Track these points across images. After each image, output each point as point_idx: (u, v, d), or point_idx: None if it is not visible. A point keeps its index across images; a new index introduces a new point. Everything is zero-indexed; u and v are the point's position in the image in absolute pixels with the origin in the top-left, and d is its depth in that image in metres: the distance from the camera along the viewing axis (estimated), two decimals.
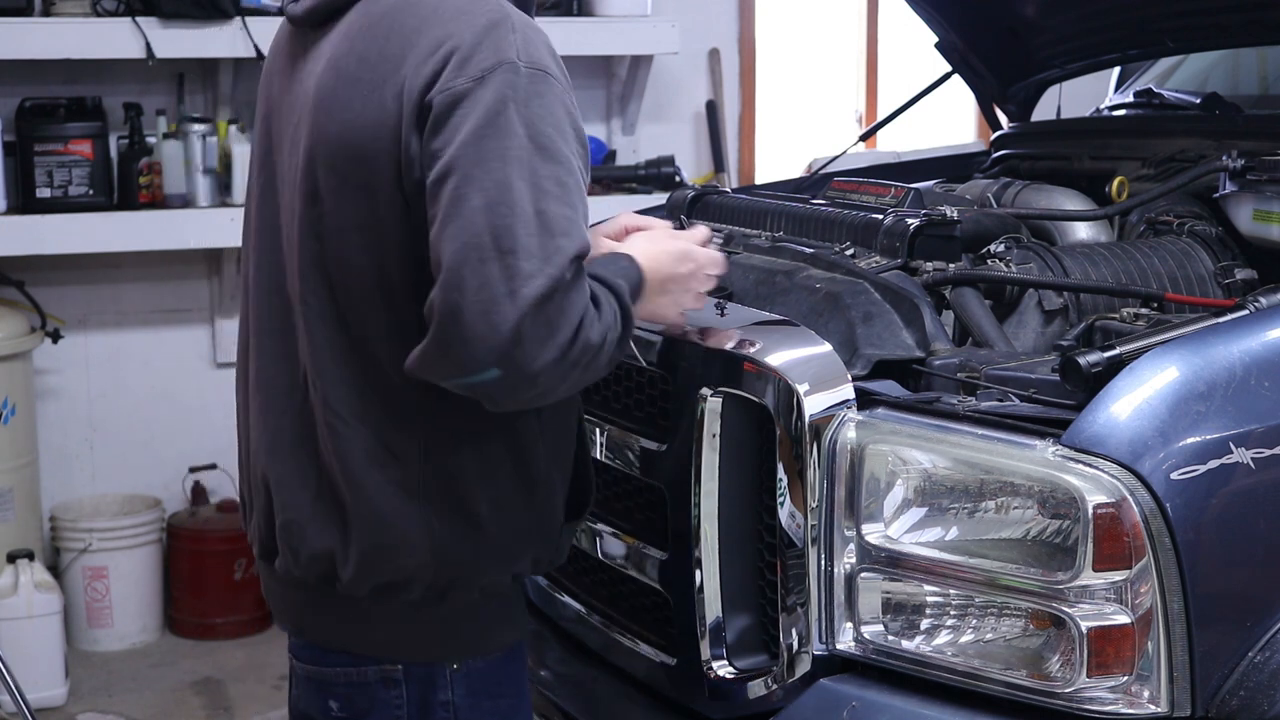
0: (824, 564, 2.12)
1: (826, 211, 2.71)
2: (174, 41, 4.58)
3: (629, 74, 5.48)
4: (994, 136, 3.66)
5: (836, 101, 6.27)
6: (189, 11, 4.55)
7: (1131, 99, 3.62)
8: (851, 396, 2.14)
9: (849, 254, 2.52)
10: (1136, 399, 1.94)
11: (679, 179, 5.31)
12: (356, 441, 1.92)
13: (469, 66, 1.82)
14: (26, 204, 4.60)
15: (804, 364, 2.17)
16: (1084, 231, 2.89)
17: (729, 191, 3.10)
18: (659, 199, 4.32)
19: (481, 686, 2.02)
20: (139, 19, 4.54)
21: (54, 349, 4.83)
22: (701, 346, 2.29)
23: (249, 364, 2.10)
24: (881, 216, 2.56)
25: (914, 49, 5.40)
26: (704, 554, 2.27)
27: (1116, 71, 3.89)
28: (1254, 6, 3.12)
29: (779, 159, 6.04)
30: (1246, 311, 2.14)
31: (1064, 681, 1.96)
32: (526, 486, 1.97)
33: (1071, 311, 2.58)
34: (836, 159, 3.77)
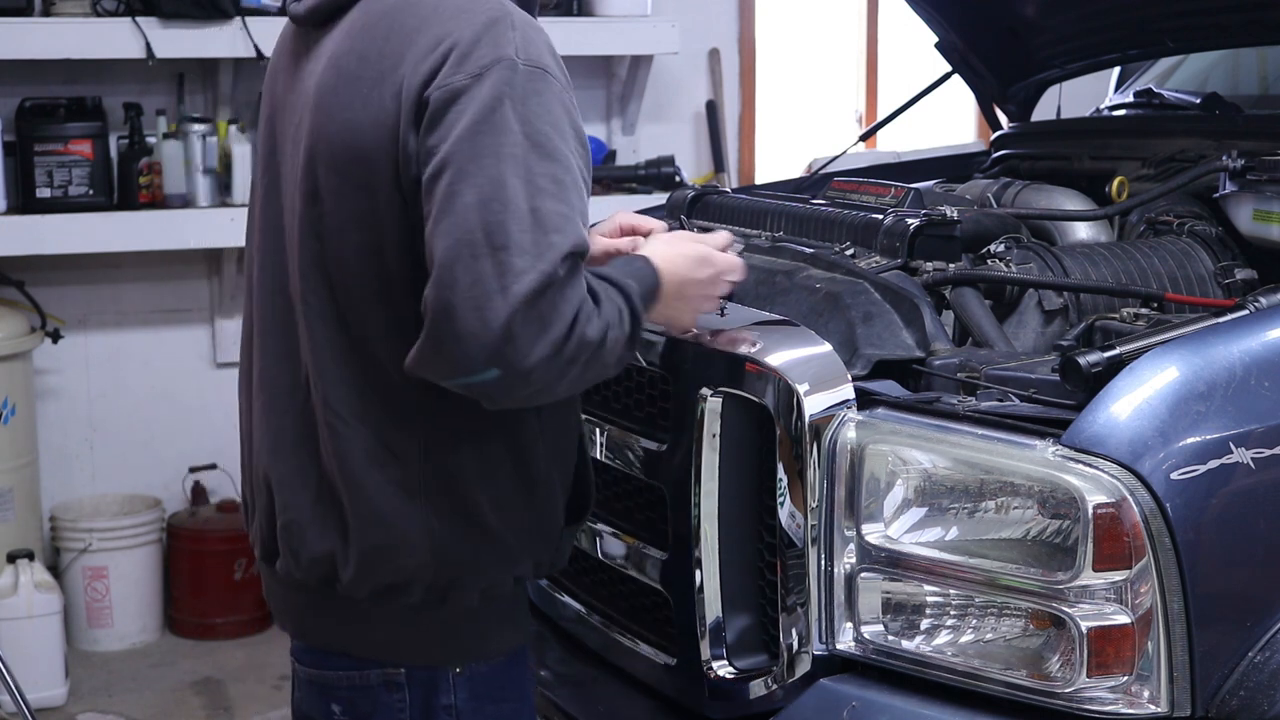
0: (824, 564, 2.12)
1: (826, 211, 2.71)
2: (174, 41, 4.58)
3: (629, 74, 5.47)
4: (994, 136, 3.66)
5: (836, 101, 6.27)
6: (189, 11, 4.55)
7: (1131, 99, 3.62)
8: (851, 396, 2.14)
9: (849, 254, 2.52)
10: (1136, 399, 1.94)
11: (679, 179, 5.31)
12: (356, 441, 1.92)
13: (467, 63, 1.81)
14: (26, 204, 4.60)
15: (804, 364, 2.17)
16: (1084, 231, 2.89)
17: (729, 191, 3.10)
18: (659, 199, 4.32)
19: (484, 690, 2.01)
20: (139, 19, 4.53)
21: (54, 349, 4.82)
22: (702, 346, 2.29)
23: (252, 365, 2.09)
24: (881, 216, 2.56)
25: (914, 49, 5.40)
26: (704, 554, 2.27)
27: (1116, 71, 3.88)
28: (1254, 6, 3.12)
29: (779, 159, 6.04)
30: (1246, 311, 2.14)
31: (1064, 681, 1.95)
32: (527, 486, 1.96)
33: (1071, 311, 2.58)
34: (836, 159, 3.77)
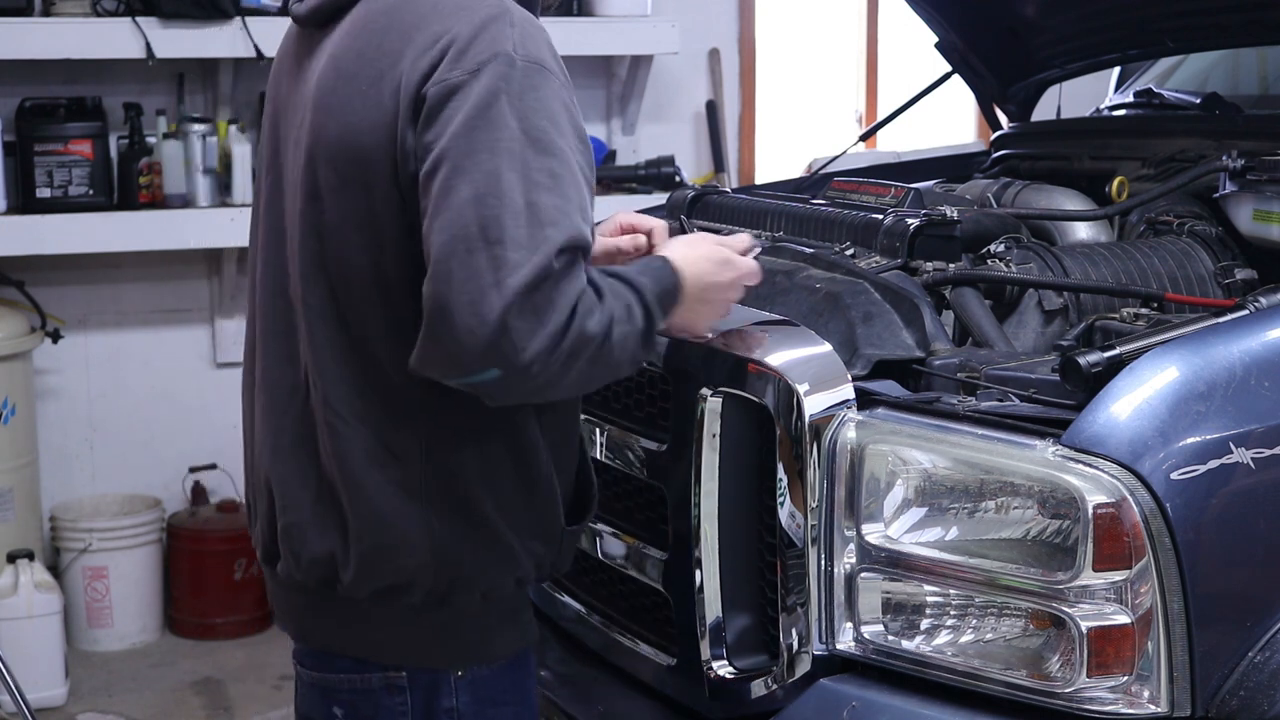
0: (824, 564, 2.12)
1: (826, 211, 2.71)
2: (174, 41, 4.58)
3: (629, 74, 5.47)
4: (994, 136, 3.66)
5: (836, 101, 6.27)
6: (189, 11, 4.55)
7: (1131, 99, 3.62)
8: (851, 396, 2.14)
9: (849, 254, 2.52)
10: (1136, 399, 1.94)
11: (679, 179, 5.31)
12: (357, 441, 1.91)
13: (465, 59, 1.80)
14: (26, 204, 4.60)
15: (804, 364, 2.17)
16: (1084, 231, 2.89)
17: (729, 191, 3.10)
18: (659, 199, 4.32)
19: (486, 694, 2.00)
20: (139, 19, 4.53)
21: (54, 349, 4.82)
22: (702, 346, 2.28)
23: (255, 366, 2.09)
24: (881, 216, 2.56)
25: (914, 49, 5.40)
26: (704, 554, 2.27)
27: (1116, 71, 3.89)
28: (1254, 6, 3.12)
29: (779, 159, 6.03)
30: (1246, 311, 2.14)
31: (1064, 681, 1.95)
32: (527, 486, 1.96)
33: (1071, 311, 2.58)
34: (836, 159, 3.77)
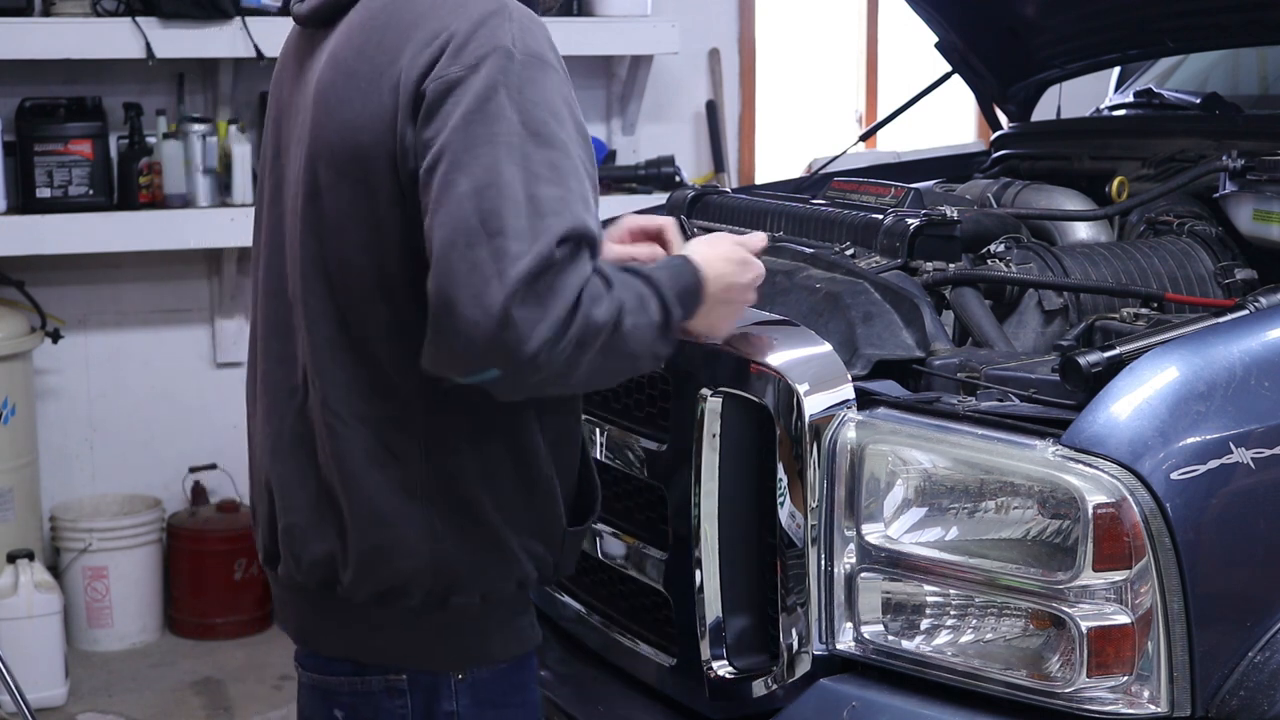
0: (824, 564, 2.12)
1: (826, 211, 2.71)
2: (174, 41, 4.58)
3: (629, 74, 5.47)
4: (994, 136, 3.66)
5: (836, 101, 6.27)
6: (189, 11, 4.55)
7: (1131, 99, 3.62)
8: (851, 396, 2.14)
9: (849, 254, 2.52)
10: (1136, 399, 1.94)
11: (679, 179, 5.31)
12: (356, 442, 1.91)
13: (463, 55, 1.80)
14: (26, 204, 4.60)
15: (804, 364, 2.17)
16: (1084, 231, 2.89)
17: (729, 191, 3.10)
18: (659, 199, 4.32)
19: (487, 697, 1.99)
20: (139, 19, 4.53)
21: (54, 349, 4.82)
22: (702, 346, 2.28)
23: (257, 368, 2.08)
24: (881, 216, 2.56)
25: (914, 49, 5.40)
26: (704, 554, 2.26)
27: (1116, 71, 3.89)
28: (1254, 6, 3.12)
29: (779, 159, 6.03)
30: (1246, 311, 2.14)
31: (1064, 681, 1.95)
32: (527, 487, 1.95)
33: (1071, 311, 2.58)
34: (836, 159, 3.77)
